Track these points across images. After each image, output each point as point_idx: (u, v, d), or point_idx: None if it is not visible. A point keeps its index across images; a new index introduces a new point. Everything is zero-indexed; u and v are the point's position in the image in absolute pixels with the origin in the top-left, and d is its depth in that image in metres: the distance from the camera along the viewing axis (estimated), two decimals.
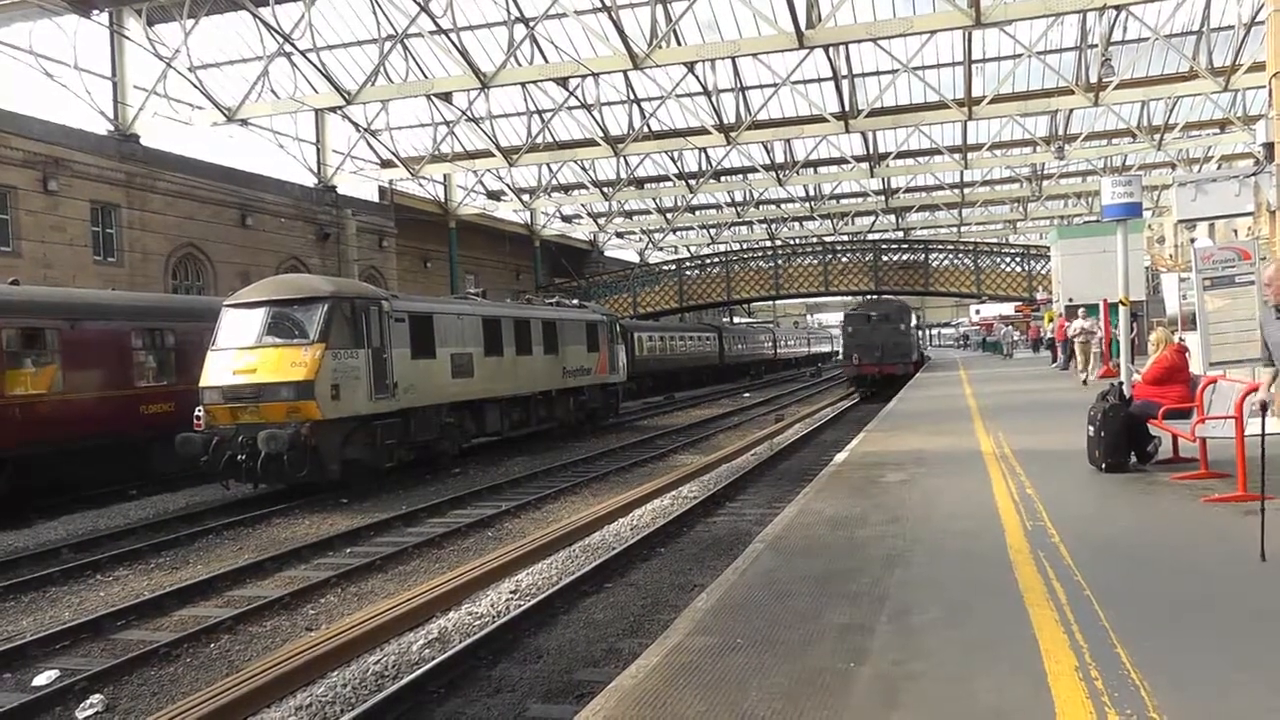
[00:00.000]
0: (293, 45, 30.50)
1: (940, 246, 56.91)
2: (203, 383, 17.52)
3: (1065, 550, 7.04)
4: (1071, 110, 40.14)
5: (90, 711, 7.83)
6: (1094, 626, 5.30)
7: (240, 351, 17.41)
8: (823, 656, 5.11)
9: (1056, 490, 9.61)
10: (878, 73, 37.20)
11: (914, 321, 48.00)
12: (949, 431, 15.57)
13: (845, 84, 35.83)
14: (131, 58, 31.26)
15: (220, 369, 17.40)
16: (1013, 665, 4.79)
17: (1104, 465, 10.41)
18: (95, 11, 28.27)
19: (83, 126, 29.16)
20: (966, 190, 58.98)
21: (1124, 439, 10.45)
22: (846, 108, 36.04)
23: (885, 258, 55.50)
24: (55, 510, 17.40)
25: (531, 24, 30.57)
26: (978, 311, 73.84)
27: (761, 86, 38.23)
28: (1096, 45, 33.55)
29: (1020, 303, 57.29)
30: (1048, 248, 47.29)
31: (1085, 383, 23.00)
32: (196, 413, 17.36)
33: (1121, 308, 14.49)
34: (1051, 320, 38.04)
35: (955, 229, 69.06)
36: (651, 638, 7.39)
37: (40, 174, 26.57)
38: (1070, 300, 32.71)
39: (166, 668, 8.83)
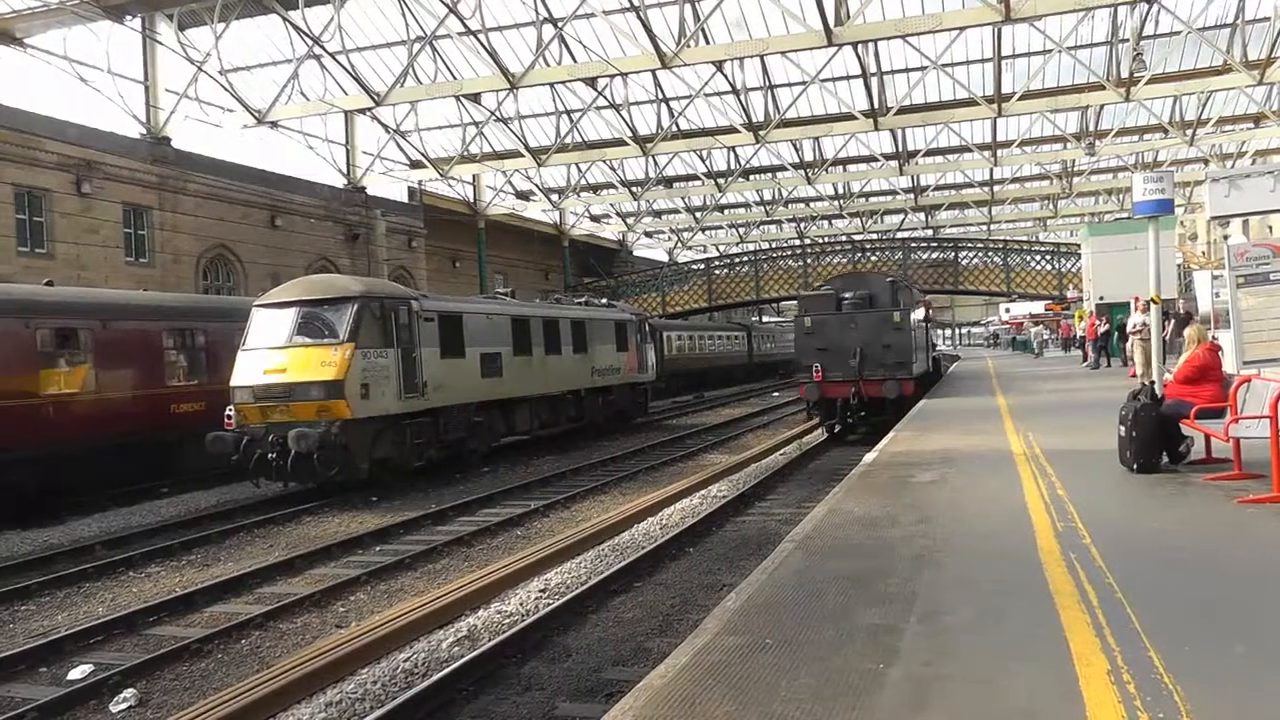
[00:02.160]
0: (322, 48, 30.70)
1: (970, 244, 56.58)
2: (233, 382, 17.64)
3: (1096, 551, 6.97)
4: (1102, 106, 39.67)
5: (124, 705, 7.92)
6: (1126, 629, 5.24)
7: (271, 351, 17.53)
8: (852, 657, 5.08)
9: (1087, 491, 9.51)
10: (907, 70, 37.03)
11: (922, 312, 28.67)
12: (978, 431, 15.45)
13: (874, 81, 35.72)
14: (163, 62, 31.56)
15: (251, 368, 17.52)
16: (1043, 667, 4.75)
17: (1135, 466, 10.29)
18: (128, 17, 28.59)
19: (115, 130, 29.51)
20: (996, 187, 58.61)
21: (1156, 439, 10.34)
22: (875, 105, 35.90)
23: (914, 256, 55.24)
24: (88, 507, 17.60)
25: (560, 24, 30.61)
26: (1007, 310, 73.28)
27: (790, 85, 38.11)
28: (1128, 39, 33.20)
29: (1050, 301, 56.83)
30: (1078, 245, 46.89)
31: (1144, 384, 20.48)
32: (227, 412, 17.48)
33: (1153, 305, 14.33)
34: (1082, 319, 37.28)
35: (985, 227, 68.65)
36: (680, 637, 7.39)
37: (74, 177, 26.87)
38: (1101, 298, 32.47)
39: (198, 663, 8.91)
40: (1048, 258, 53.47)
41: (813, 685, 4.71)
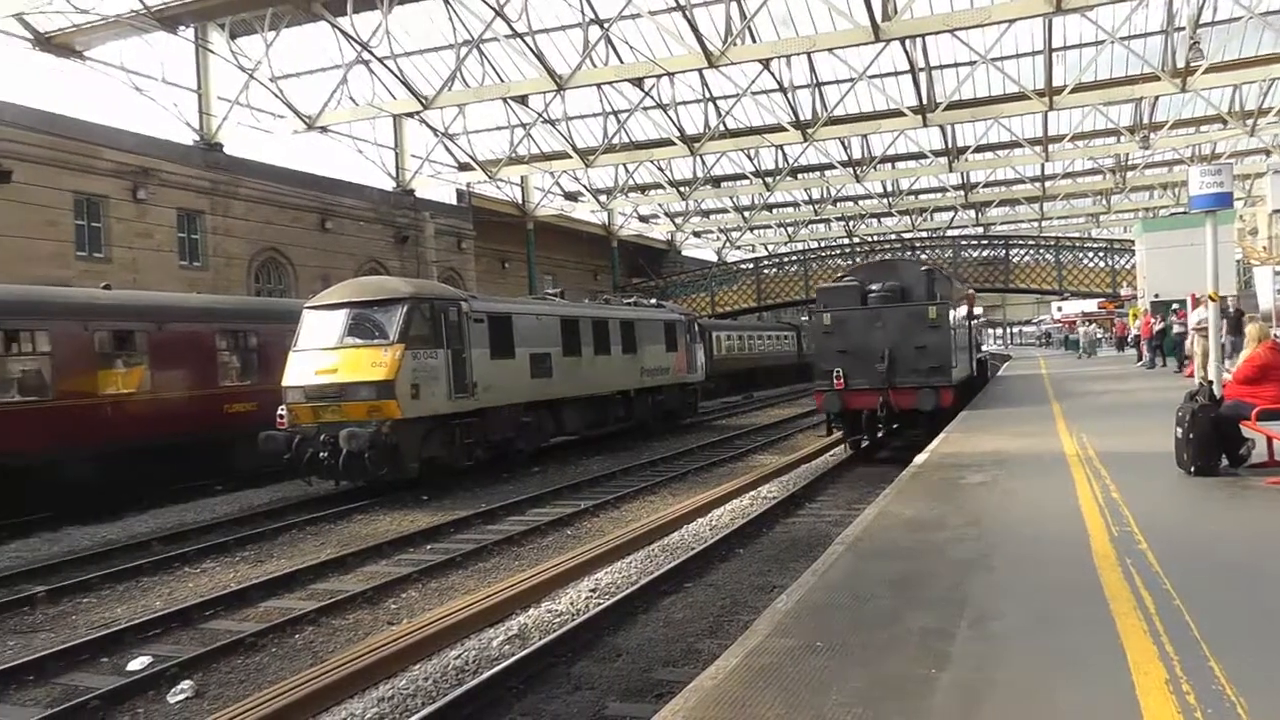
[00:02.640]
0: (371, 53, 30.97)
1: (1021, 242, 55.94)
2: (285, 382, 17.85)
3: (1153, 556, 6.83)
4: (1157, 97, 38.90)
5: (181, 696, 8.07)
6: (1184, 637, 5.12)
7: (322, 352, 17.72)
8: (903, 661, 5.04)
9: (1143, 494, 9.32)
10: (955, 64, 36.64)
11: (963, 307, 24.14)
12: (1030, 433, 15.27)
13: (922, 77, 35.42)
14: (215, 70, 32.07)
15: (302, 369, 17.72)
16: (1098, 676, 4.66)
17: (1193, 469, 10.04)
18: (182, 27, 29.07)
19: (170, 137, 30.00)
20: (1047, 183, 57.86)
21: (1214, 441, 10.08)
22: (924, 101, 35.61)
23: (965, 254, 54.73)
24: (145, 504, 17.91)
25: (606, 25, 30.66)
26: (1059, 309, 72.39)
27: (838, 82, 37.88)
28: (1184, 28, 32.33)
29: (1104, 299, 56.02)
30: (1132, 241, 46.15)
31: (1202, 384, 18.88)
32: (279, 411, 17.69)
33: (1210, 303, 14.07)
34: (1137, 317, 36.53)
35: (1036, 223, 67.86)
36: (731, 638, 7.36)
37: (130, 183, 27.36)
38: (1156, 296, 31.92)
39: (253, 657, 9.05)
40: (1101, 255, 52.76)
41: (863, 689, 4.68)
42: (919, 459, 12.99)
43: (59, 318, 17.39)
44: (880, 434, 20.51)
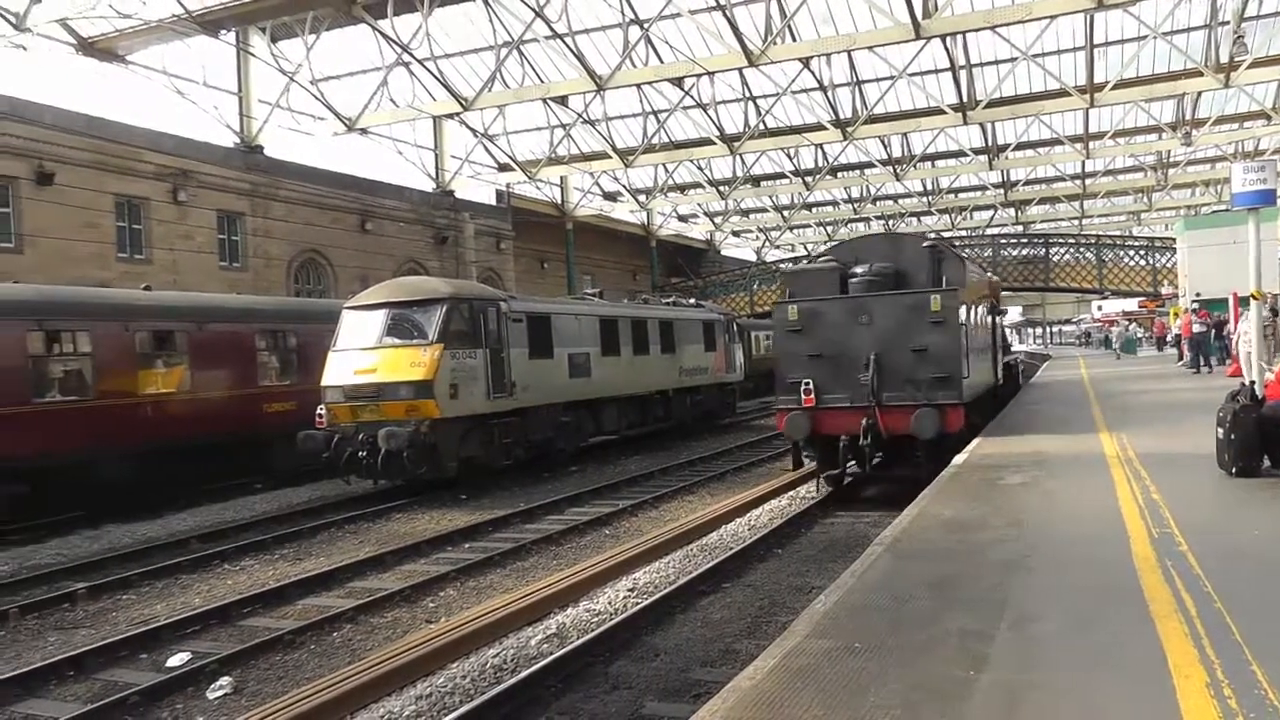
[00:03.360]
0: (411, 55, 31.08)
1: (1061, 240, 55.35)
2: (324, 382, 17.96)
3: (1194, 559, 6.68)
4: (1200, 93, 38.29)
5: (220, 692, 8.12)
6: (1226, 640, 5.01)
7: (361, 352, 17.82)
8: (942, 663, 4.97)
9: (1184, 495, 9.14)
10: (996, 61, 36.26)
11: (983, 299, 18.97)
12: (1070, 433, 15.09)
13: (963, 74, 35.10)
14: (256, 73, 32.32)
15: (341, 369, 17.83)
16: (1138, 679, 4.57)
17: (1234, 470, 9.80)
18: (223, 31, 29.34)
19: (210, 140, 30.26)
20: (1088, 181, 57.15)
21: (1256, 442, 9.83)
22: (964, 99, 35.28)
23: (1004, 252, 54.23)
24: (184, 502, 18.10)
25: (646, 25, 30.63)
26: (1099, 308, 71.50)
27: (878, 80, 37.64)
28: (1228, 22, 31.82)
29: (1145, 298, 55.29)
30: (1173, 239, 45.50)
31: (1244, 384, 16.73)
32: (318, 411, 17.81)
33: (1253, 301, 13.85)
34: (1178, 316, 35.92)
35: (1076, 221, 67.13)
36: (769, 639, 7.31)
37: (171, 186, 27.63)
38: (1198, 294, 31.47)
39: (291, 654, 9.10)
40: (1142, 253, 52.10)
41: (902, 691, 4.62)
42: (958, 459, 12.83)
43: (100, 318, 17.60)
44: (868, 463, 15.47)
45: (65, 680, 8.73)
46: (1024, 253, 54.42)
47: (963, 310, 14.66)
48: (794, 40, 31.12)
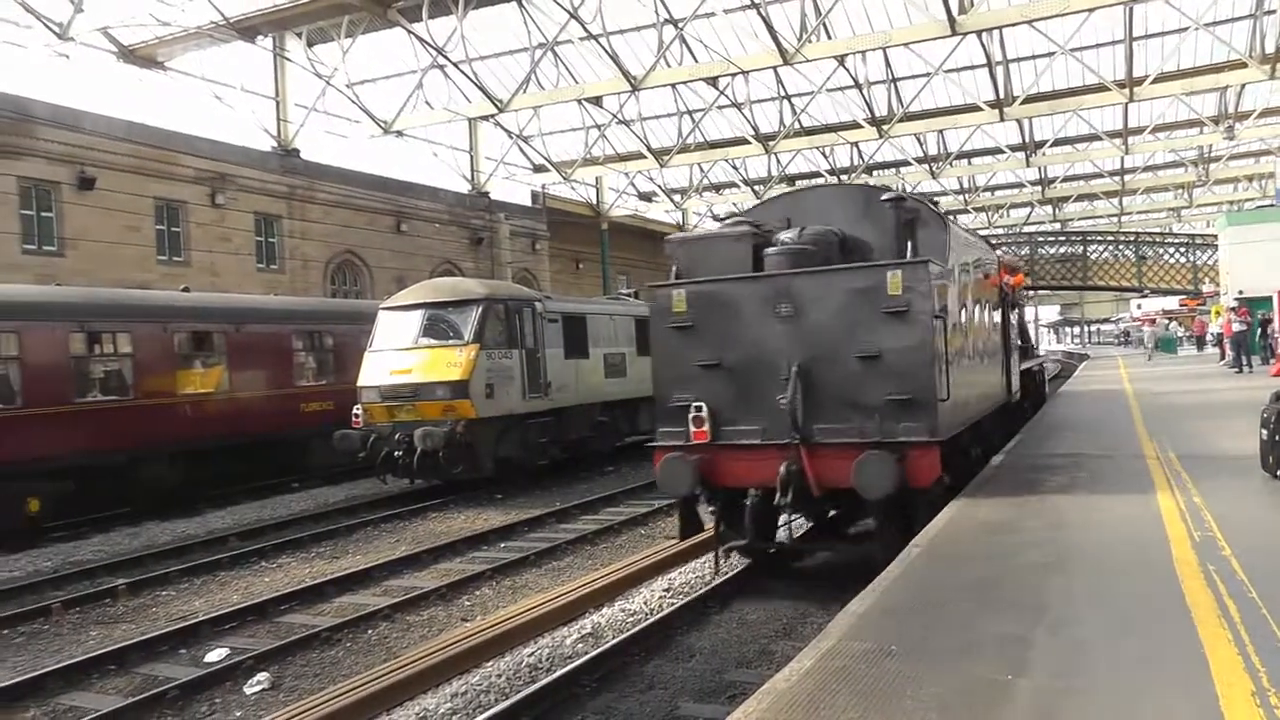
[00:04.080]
0: (446, 58, 31.19)
1: (1099, 237, 54.71)
2: (361, 382, 18.04)
3: (1237, 563, 6.50)
4: (1244, 85, 37.40)
5: (257, 688, 8.17)
6: (1271, 647, 4.87)
7: (398, 352, 17.89)
8: (979, 667, 4.87)
9: (1226, 499, 8.88)
10: (1033, 57, 35.89)
11: (987, 285, 13.48)
12: (1107, 433, 14.87)
13: (999, 70, 34.80)
14: (292, 78, 32.56)
15: (378, 369, 17.91)
16: (1180, 686, 4.45)
17: (1279, 472, 9.60)
18: (260, 37, 29.61)
19: (247, 144, 30.52)
20: (1127, 177, 56.49)
21: None
22: (1001, 95, 34.98)
23: (1042, 250, 53.69)
24: (222, 501, 18.28)
25: (680, 25, 30.57)
26: (1139, 306, 70.75)
27: (913, 77, 37.38)
28: (1275, 10, 31.22)
29: (1185, 296, 54.57)
30: (1215, 236, 44.87)
31: None
32: (355, 410, 17.89)
33: None
34: (1219, 314, 35.30)
35: (1115, 219, 66.41)
36: (804, 640, 7.25)
37: (209, 189, 27.89)
38: (1240, 292, 31.05)
39: (328, 650, 9.14)
40: (1182, 250, 51.39)
41: (939, 694, 4.53)
42: (995, 460, 12.58)
43: (140, 320, 17.79)
44: (785, 540, 11.18)
45: (107, 674, 8.84)
46: (1061, 251, 53.82)
47: (943, 296, 9.72)
48: (829, 38, 30.94)
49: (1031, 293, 59.97)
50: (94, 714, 7.74)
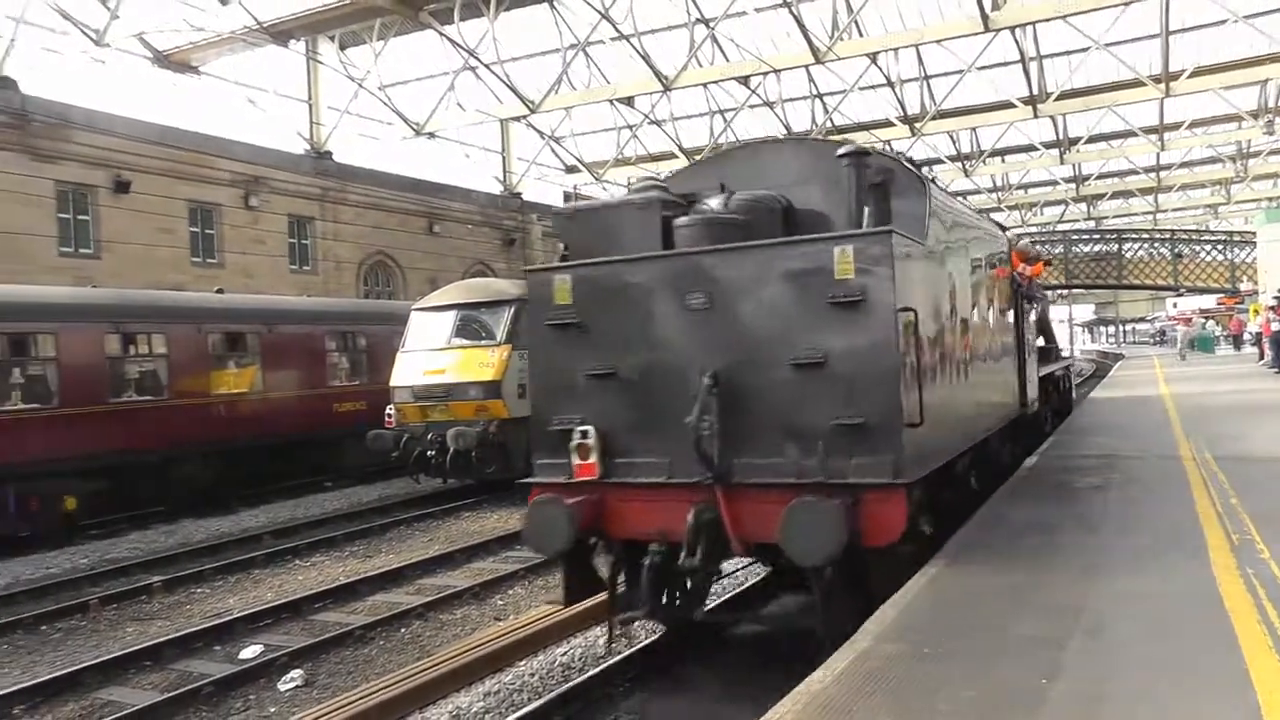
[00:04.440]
0: (477, 59, 31.27)
1: (1134, 235, 54.13)
2: (393, 382, 18.10)
3: (1276, 567, 6.40)
4: None
5: (291, 684, 8.20)
6: None
7: (430, 353, 17.94)
8: (1014, 670, 4.81)
9: (1266, 502, 8.72)
10: (1067, 52, 35.55)
11: (981, 269, 10.24)
12: (1140, 429, 14.67)
13: (1033, 66, 34.52)
14: (325, 81, 32.78)
15: (410, 369, 17.96)
16: (1222, 691, 4.36)
17: None
18: (293, 41, 29.79)
19: (281, 147, 30.76)
20: (1163, 173, 55.87)
21: None
22: (1034, 92, 34.70)
23: (1076, 249, 53.17)
24: (256, 500, 18.41)
25: (712, 24, 30.52)
26: (1174, 305, 69.94)
27: (946, 74, 37.13)
28: None
29: (1222, 294, 53.89)
30: (1253, 233, 44.26)
31: None
32: (388, 411, 17.95)
33: None
34: (1258, 313, 34.69)
35: (1150, 216, 65.71)
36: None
37: (243, 192, 28.12)
38: None
39: (361, 648, 9.18)
40: (1219, 247, 50.76)
41: (973, 697, 4.47)
42: (1029, 461, 12.38)
43: (174, 321, 17.96)
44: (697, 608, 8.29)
45: (143, 669, 8.93)
46: (1096, 249, 53.27)
47: (916, 282, 7.37)
48: (861, 36, 30.80)
49: (1066, 292, 59.46)
50: (130, 709, 7.80)
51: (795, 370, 6.82)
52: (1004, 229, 13.48)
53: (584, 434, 7.39)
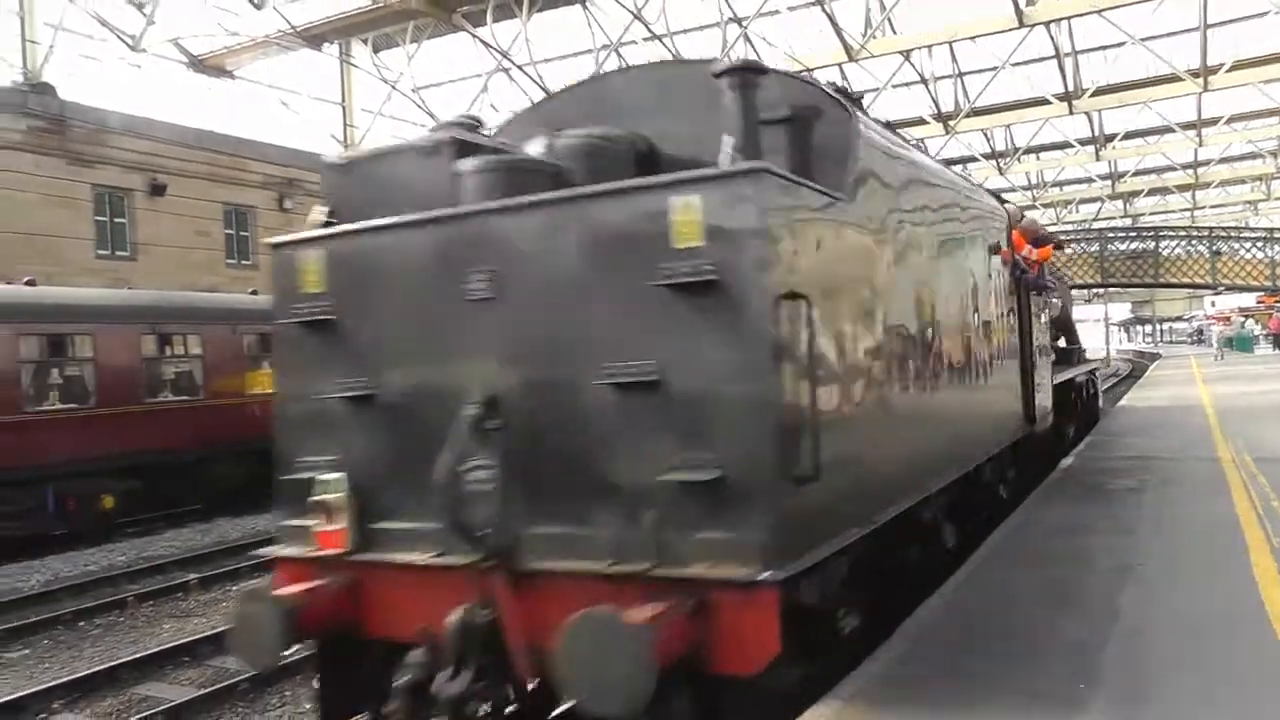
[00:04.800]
0: (510, 61, 31.36)
1: (1172, 232, 53.51)
2: None
3: None
4: None
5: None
6: None
7: None
8: (1051, 673, 4.76)
9: None
10: (1102, 47, 35.19)
11: (973, 246, 8.41)
12: (1177, 430, 14.47)
13: (1068, 62, 34.21)
14: (358, 83, 33.03)
15: None
16: (1263, 703, 4.30)
17: None
18: (326, 45, 30.04)
19: (314, 149, 30.93)
20: (1201, 170, 55.24)
21: None
22: (1070, 88, 34.39)
23: (1111, 247, 52.62)
24: None
25: (745, 23, 30.45)
26: (1212, 304, 69.13)
27: (980, 71, 36.86)
28: None
29: (1262, 293, 53.19)
30: None
31: None
32: None
33: None
34: None
35: (1188, 213, 64.96)
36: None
37: (277, 194, 28.40)
38: None
39: None
40: (1259, 245, 50.08)
41: (1012, 702, 4.44)
42: (1065, 463, 12.21)
43: (210, 322, 18.13)
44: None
45: (181, 665, 8.99)
46: (1132, 246, 52.69)
47: (820, 255, 5.01)
48: (894, 33, 30.63)
49: (1101, 291, 58.89)
50: (167, 704, 7.85)
51: (615, 393, 4.45)
52: (1003, 201, 11.30)
53: (327, 486, 5.08)
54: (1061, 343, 15.93)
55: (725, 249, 4.27)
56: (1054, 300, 14.16)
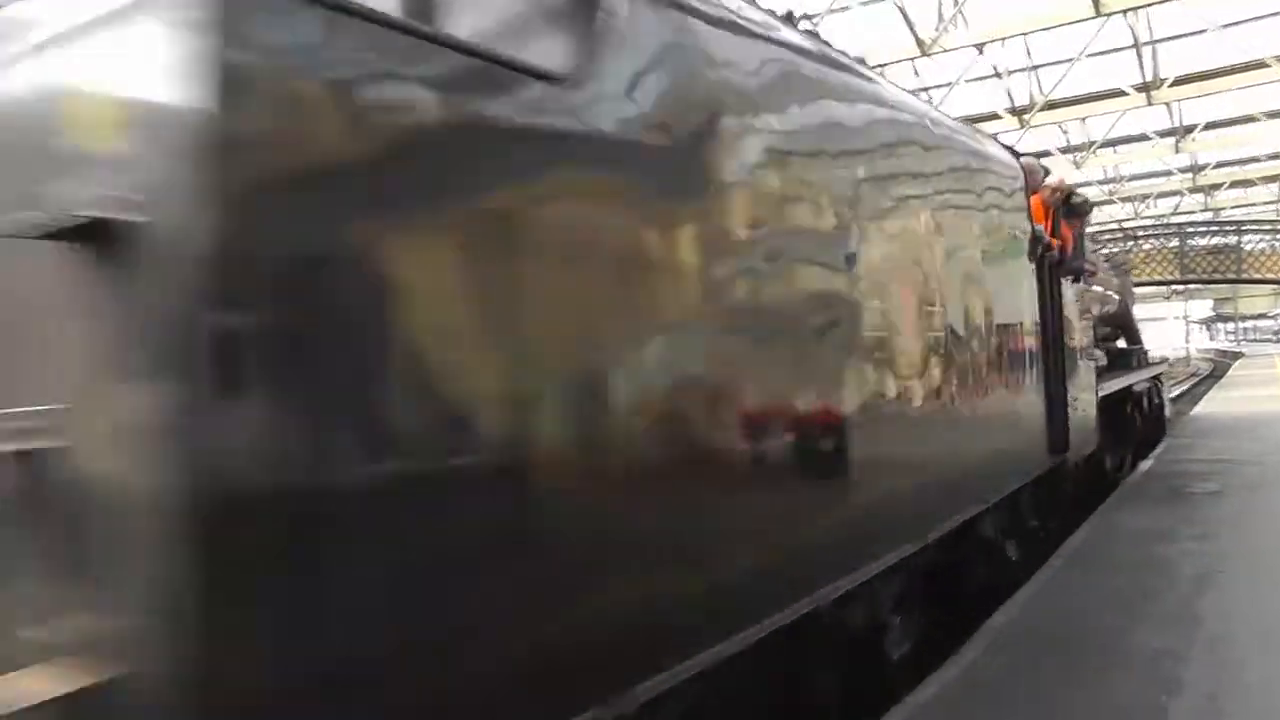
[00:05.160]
0: None
1: (1255, 226, 52.28)
2: None
3: None
4: None
5: None
6: None
7: None
8: (1131, 684, 4.62)
9: None
10: (1182, 35, 34.42)
11: (1006, 212, 7.55)
12: (1261, 433, 14.09)
13: (1146, 52, 33.55)
14: None
15: None
16: None
17: None
18: None
19: None
20: None
21: None
22: (1148, 79, 33.71)
23: (1191, 242, 51.53)
24: None
25: (815, 20, 30.25)
26: None
27: (1055, 63, 36.29)
28: None
29: None
30: None
31: None
32: None
33: None
34: None
35: (1273, 206, 63.41)
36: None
37: None
38: None
39: None
40: None
41: (1087, 716, 4.31)
42: (1143, 466, 11.99)
43: None
44: None
45: None
46: (1213, 241, 51.61)
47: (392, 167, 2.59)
48: (966, 26, 30.26)
49: (1181, 288, 57.73)
50: None
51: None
52: (1017, 155, 9.44)
53: None
54: (1121, 343, 14.72)
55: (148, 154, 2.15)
56: (1106, 291, 12.67)
